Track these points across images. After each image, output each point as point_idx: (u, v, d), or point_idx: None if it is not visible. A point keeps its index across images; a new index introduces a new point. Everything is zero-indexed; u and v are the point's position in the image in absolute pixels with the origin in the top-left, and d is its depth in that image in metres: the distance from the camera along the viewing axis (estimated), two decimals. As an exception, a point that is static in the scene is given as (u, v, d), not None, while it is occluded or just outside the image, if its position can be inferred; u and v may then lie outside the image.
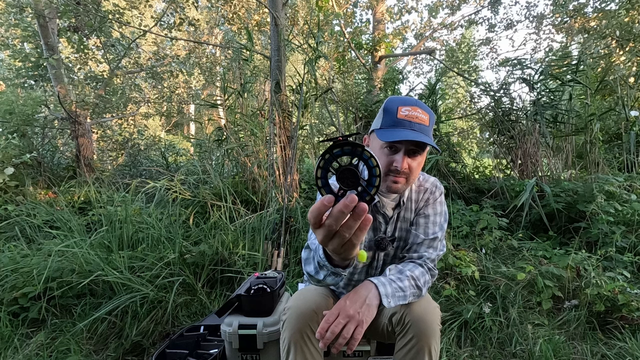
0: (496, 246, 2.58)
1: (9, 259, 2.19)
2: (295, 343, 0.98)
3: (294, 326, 0.99)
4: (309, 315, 1.01)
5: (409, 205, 1.13)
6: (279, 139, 3.20)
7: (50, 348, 1.79)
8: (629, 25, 5.31)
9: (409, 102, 0.99)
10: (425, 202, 1.13)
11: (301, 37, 6.17)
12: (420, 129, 0.97)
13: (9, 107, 4.90)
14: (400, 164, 0.98)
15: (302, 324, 0.99)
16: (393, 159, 0.99)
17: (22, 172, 4.18)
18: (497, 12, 7.68)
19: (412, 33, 9.10)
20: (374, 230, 1.13)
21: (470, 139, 5.34)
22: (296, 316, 1.01)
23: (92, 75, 6.29)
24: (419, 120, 0.97)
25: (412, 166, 1.00)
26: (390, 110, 0.99)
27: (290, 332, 0.99)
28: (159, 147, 7.01)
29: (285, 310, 1.05)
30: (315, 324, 1.00)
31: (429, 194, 1.14)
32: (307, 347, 0.99)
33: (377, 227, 1.12)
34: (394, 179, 1.01)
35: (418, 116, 0.97)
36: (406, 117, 0.97)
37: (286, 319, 1.02)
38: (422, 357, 0.96)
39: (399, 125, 0.97)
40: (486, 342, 1.87)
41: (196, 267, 2.31)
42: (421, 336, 0.96)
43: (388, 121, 0.99)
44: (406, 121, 0.96)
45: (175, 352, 1.52)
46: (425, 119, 0.98)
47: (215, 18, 9.07)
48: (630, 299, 1.85)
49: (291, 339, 0.99)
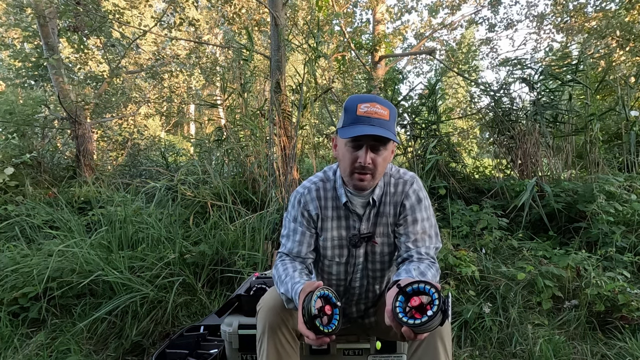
0: (496, 246, 2.58)
1: (9, 259, 2.19)
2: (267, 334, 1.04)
3: (266, 318, 1.05)
4: (279, 307, 1.06)
5: (387, 199, 1.13)
6: (279, 139, 3.20)
7: (50, 348, 1.79)
8: (629, 25, 5.31)
9: (367, 98, 1.01)
10: (404, 195, 1.13)
11: (301, 37, 6.17)
12: (380, 123, 0.98)
13: (9, 107, 4.90)
14: (364, 159, 0.99)
15: (273, 316, 1.05)
16: (356, 156, 1.01)
17: (22, 172, 4.19)
18: (497, 12, 7.65)
19: (412, 33, 9.10)
20: (346, 229, 1.15)
21: (470, 139, 5.33)
22: (267, 309, 1.07)
23: (92, 75, 6.28)
24: (378, 115, 0.98)
25: (377, 161, 1.01)
26: (350, 108, 1.01)
27: (263, 324, 1.06)
28: (159, 147, 7.01)
29: (259, 302, 1.13)
30: (287, 315, 1.06)
31: (408, 185, 1.14)
32: (278, 338, 1.04)
33: (350, 226, 1.15)
34: (359, 176, 1.03)
35: (377, 111, 0.99)
36: (365, 113, 0.98)
37: (259, 311, 1.09)
38: (437, 353, 0.97)
39: (358, 122, 0.99)
40: (486, 342, 1.87)
41: (196, 267, 2.31)
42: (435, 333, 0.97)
43: (348, 119, 1.01)
44: (365, 117, 0.98)
45: (175, 352, 1.52)
46: (384, 114, 0.99)
47: (215, 18, 9.07)
48: (630, 299, 1.85)
49: (263, 330, 1.05)
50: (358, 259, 1.17)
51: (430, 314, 0.75)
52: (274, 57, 3.66)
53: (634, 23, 5.33)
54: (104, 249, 2.26)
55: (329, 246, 1.15)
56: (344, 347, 1.28)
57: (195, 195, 2.92)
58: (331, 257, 1.16)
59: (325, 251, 1.16)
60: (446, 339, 0.99)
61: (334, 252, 1.16)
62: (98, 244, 2.28)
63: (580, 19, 6.37)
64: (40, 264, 2.09)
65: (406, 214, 1.12)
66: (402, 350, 1.28)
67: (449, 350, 0.99)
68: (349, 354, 1.29)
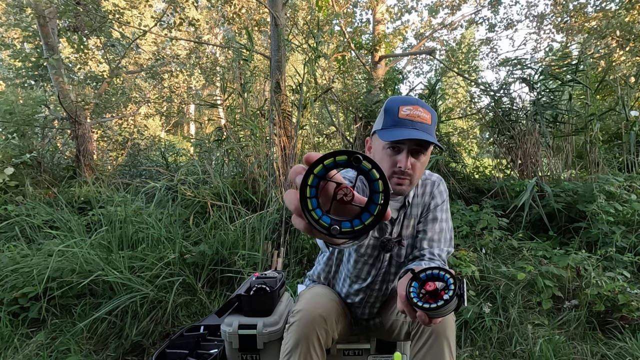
0: (496, 246, 2.58)
1: (9, 259, 2.19)
2: (301, 347, 0.98)
3: (302, 330, 0.99)
4: (317, 321, 1.01)
5: (415, 201, 1.13)
6: (279, 139, 3.20)
7: (50, 348, 1.79)
8: (629, 25, 5.31)
9: (410, 101, 0.98)
10: (431, 196, 1.13)
11: (301, 37, 6.17)
12: (423, 127, 0.96)
13: (9, 107, 4.90)
14: (404, 164, 0.96)
15: (310, 329, 0.99)
16: (396, 160, 0.97)
17: (22, 172, 4.18)
18: (497, 12, 7.66)
19: (412, 33, 9.10)
20: (379, 231, 1.12)
21: (470, 139, 5.34)
22: (305, 320, 1.00)
23: (92, 75, 6.28)
24: (421, 119, 0.96)
25: (416, 166, 0.99)
26: (392, 110, 0.97)
27: (297, 335, 0.99)
28: (159, 147, 7.01)
29: (294, 312, 1.05)
30: (322, 330, 1.01)
31: (435, 186, 1.14)
32: (309, 353, 0.99)
33: (383, 229, 1.11)
34: (398, 181, 0.99)
35: (420, 115, 0.96)
36: (408, 116, 0.95)
37: (295, 322, 1.02)
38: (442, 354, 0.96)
39: (400, 124, 0.95)
40: (486, 342, 1.87)
41: (196, 267, 2.31)
42: (440, 331, 0.96)
43: (389, 121, 0.97)
44: (408, 120, 0.95)
45: (175, 352, 1.52)
46: (427, 118, 0.97)
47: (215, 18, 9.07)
48: (630, 299, 1.85)
49: (297, 342, 0.98)
50: (384, 263, 1.14)
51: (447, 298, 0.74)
52: (274, 57, 3.66)
53: (634, 23, 5.33)
54: (104, 249, 2.26)
55: (365, 244, 1.12)
56: (344, 347, 1.28)
57: (195, 195, 2.92)
58: (362, 254, 1.13)
59: (360, 248, 1.12)
60: (452, 341, 0.98)
61: (366, 250, 1.13)
62: (98, 244, 2.28)
63: (580, 19, 6.37)
64: (40, 264, 2.09)
65: (428, 213, 1.11)
66: (402, 350, 1.28)
67: (453, 352, 0.99)
68: (349, 354, 1.29)
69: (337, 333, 1.11)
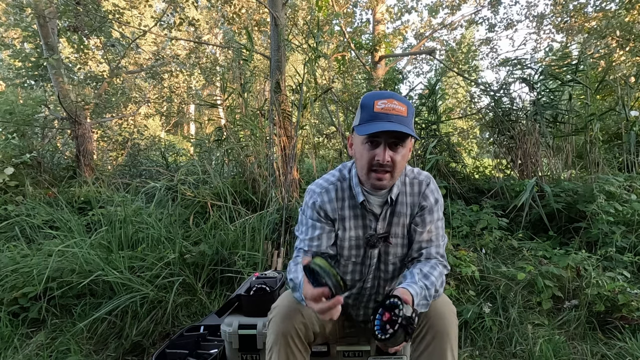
0: (496, 246, 2.58)
1: (9, 259, 2.19)
2: (280, 342, 1.00)
3: (279, 325, 1.01)
4: (293, 316, 1.02)
5: (404, 199, 1.12)
6: (279, 139, 3.20)
7: (50, 348, 1.79)
8: (629, 25, 5.31)
9: (384, 95, 0.99)
10: (423, 196, 1.13)
11: (301, 37, 6.17)
12: (399, 120, 0.96)
13: (9, 107, 4.90)
14: (382, 157, 0.97)
15: (287, 324, 1.00)
16: (374, 154, 0.98)
17: (22, 172, 4.18)
18: (497, 12, 7.65)
19: (412, 33, 9.10)
20: (363, 228, 1.12)
21: (470, 139, 5.33)
22: (282, 316, 1.02)
23: (92, 75, 6.28)
24: (396, 111, 0.97)
25: (396, 159, 0.99)
26: (367, 105, 0.99)
27: (276, 331, 1.01)
28: (159, 147, 7.01)
29: (271, 310, 1.07)
30: (300, 324, 1.02)
31: (425, 185, 1.13)
32: (290, 348, 1.00)
33: (367, 225, 1.12)
34: (378, 175, 1.00)
35: (395, 108, 0.97)
36: (383, 109, 0.96)
37: (272, 318, 1.04)
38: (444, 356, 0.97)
39: (376, 118, 0.96)
40: (486, 342, 1.87)
41: (196, 267, 2.31)
42: (443, 335, 0.97)
43: (366, 116, 0.98)
44: (383, 114, 0.96)
45: (175, 352, 1.52)
46: (402, 110, 0.97)
47: (215, 18, 9.07)
48: (630, 299, 1.85)
49: (276, 338, 1.00)
50: (372, 260, 1.15)
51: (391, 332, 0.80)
52: (274, 57, 3.66)
53: (634, 23, 5.33)
54: (104, 249, 2.26)
55: (346, 246, 1.13)
56: (344, 349, 1.28)
57: (195, 195, 2.92)
58: (347, 257, 1.14)
59: (343, 250, 1.13)
60: (454, 341, 0.99)
61: (350, 252, 1.13)
62: (98, 244, 2.27)
63: (580, 19, 6.37)
64: (40, 264, 2.09)
65: (423, 214, 1.11)
66: (402, 351, 1.28)
67: (455, 353, 0.99)
68: (349, 355, 1.29)
69: (328, 331, 1.12)
